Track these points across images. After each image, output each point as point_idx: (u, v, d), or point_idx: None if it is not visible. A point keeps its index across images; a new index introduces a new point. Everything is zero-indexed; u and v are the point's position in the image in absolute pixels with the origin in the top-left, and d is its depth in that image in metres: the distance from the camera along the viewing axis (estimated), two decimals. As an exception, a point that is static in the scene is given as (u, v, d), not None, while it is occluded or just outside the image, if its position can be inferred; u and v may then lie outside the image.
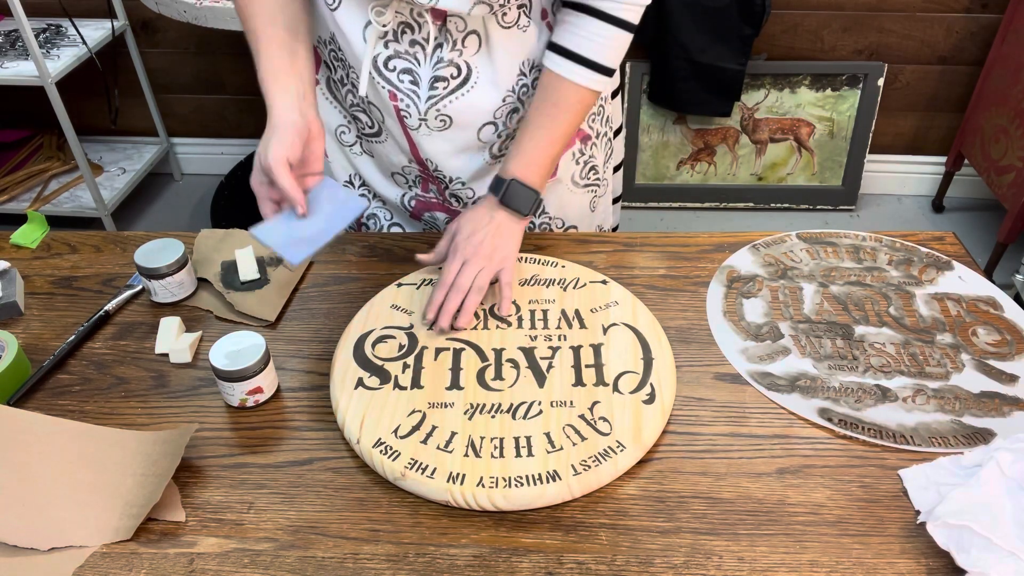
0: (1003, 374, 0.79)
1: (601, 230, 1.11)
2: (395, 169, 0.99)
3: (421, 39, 0.84)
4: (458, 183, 0.96)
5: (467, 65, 0.86)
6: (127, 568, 0.64)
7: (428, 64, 0.85)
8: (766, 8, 2.10)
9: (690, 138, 2.38)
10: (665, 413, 0.74)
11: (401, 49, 0.85)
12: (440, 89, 0.86)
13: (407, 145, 0.94)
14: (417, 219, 1.04)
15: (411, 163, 0.96)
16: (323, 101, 0.99)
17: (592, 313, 0.85)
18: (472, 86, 0.87)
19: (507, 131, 0.93)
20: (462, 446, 0.70)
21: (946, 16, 2.20)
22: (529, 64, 0.89)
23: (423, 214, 1.03)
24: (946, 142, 2.42)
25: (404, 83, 0.86)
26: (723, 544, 0.64)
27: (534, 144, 0.86)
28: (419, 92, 0.87)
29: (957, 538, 0.60)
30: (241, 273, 0.92)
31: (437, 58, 0.85)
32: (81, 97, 2.47)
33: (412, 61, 0.85)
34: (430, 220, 1.04)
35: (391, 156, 0.97)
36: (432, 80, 0.86)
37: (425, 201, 1.01)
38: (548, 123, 0.86)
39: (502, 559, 0.64)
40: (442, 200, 1.00)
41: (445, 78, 0.86)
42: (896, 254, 0.96)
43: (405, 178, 0.99)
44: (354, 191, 1.02)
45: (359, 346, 0.81)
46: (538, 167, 0.87)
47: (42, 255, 0.99)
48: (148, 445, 0.71)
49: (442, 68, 0.85)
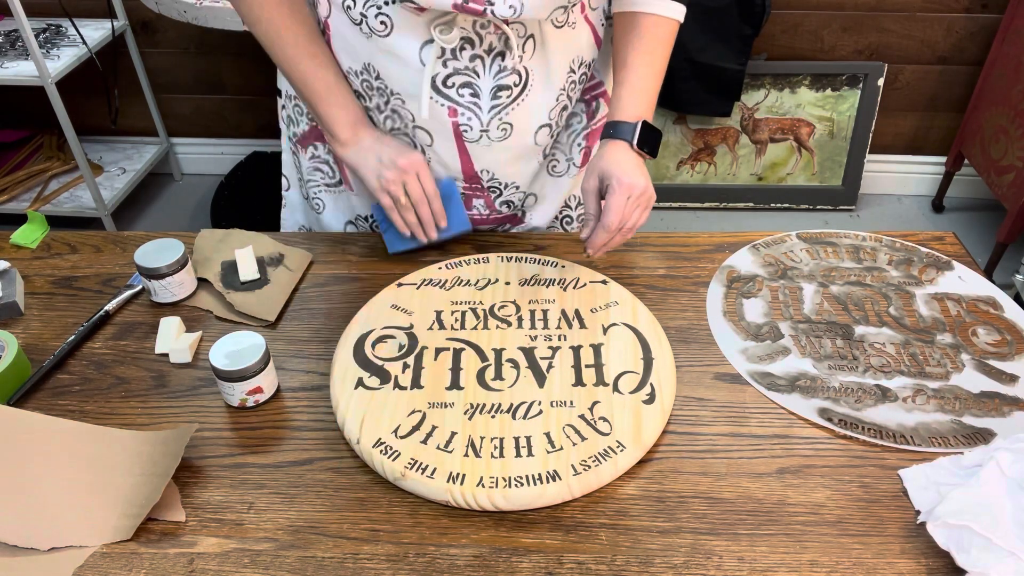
0: (1003, 374, 0.79)
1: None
2: None
3: (482, 52, 0.84)
4: (512, 188, 0.97)
5: (525, 71, 0.86)
6: (127, 568, 0.64)
7: (488, 75, 0.85)
8: (766, 8, 2.10)
9: (690, 138, 2.38)
10: (665, 413, 0.74)
11: (461, 65, 0.84)
12: (504, 98, 0.87)
13: (458, 163, 0.93)
14: None
15: (457, 180, 0.96)
16: None
17: (592, 313, 0.85)
18: (529, 91, 0.88)
19: (558, 129, 0.94)
20: (462, 446, 0.70)
21: (946, 16, 2.20)
22: (578, 61, 0.90)
23: None
24: (946, 142, 2.42)
25: (464, 97, 0.86)
26: (723, 544, 0.64)
27: (642, 83, 0.89)
28: (480, 104, 0.87)
29: (957, 538, 0.60)
30: (241, 273, 0.92)
31: (498, 67, 0.85)
32: (81, 97, 2.47)
33: (471, 75, 0.85)
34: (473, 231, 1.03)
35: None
36: (495, 90, 0.86)
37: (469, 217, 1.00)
38: (646, 61, 0.88)
39: (502, 559, 0.64)
40: (490, 212, 1.00)
41: (508, 86, 0.86)
42: (896, 254, 0.96)
43: None
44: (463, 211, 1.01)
45: (359, 346, 0.81)
46: (651, 105, 0.90)
47: (42, 255, 0.99)
48: (148, 445, 0.71)
49: (504, 77, 0.86)
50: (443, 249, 0.97)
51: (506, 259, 0.93)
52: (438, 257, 0.96)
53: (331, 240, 1.00)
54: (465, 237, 0.99)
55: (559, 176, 1.02)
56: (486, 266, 0.92)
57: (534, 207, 1.03)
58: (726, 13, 2.11)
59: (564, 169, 1.02)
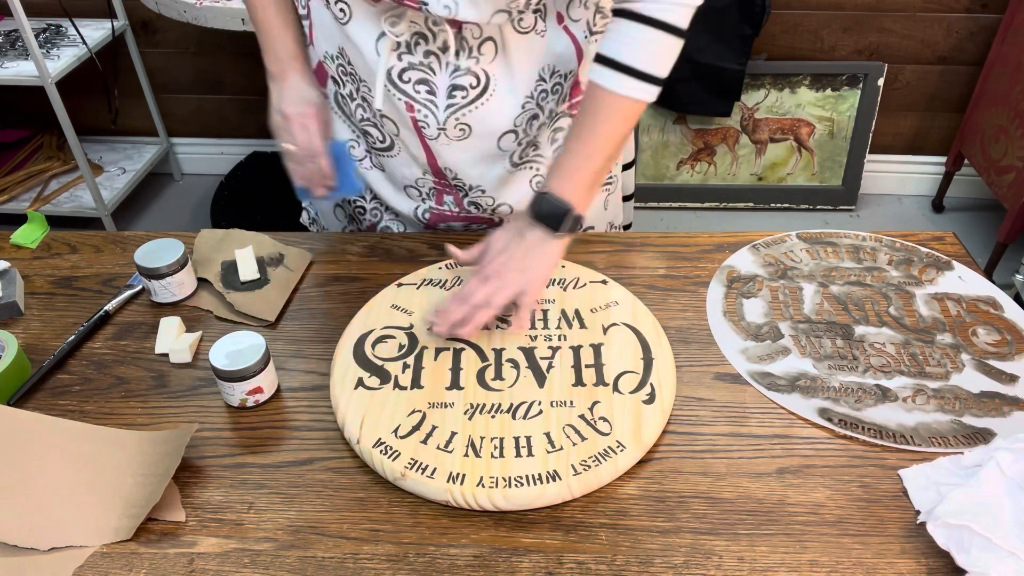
0: (1003, 374, 0.79)
1: (612, 227, 1.10)
2: (408, 182, 0.98)
3: (437, 49, 0.83)
4: (478, 191, 0.96)
5: (485, 74, 0.85)
6: (127, 568, 0.64)
7: (444, 73, 0.85)
8: (766, 8, 2.10)
9: (690, 138, 2.38)
10: (665, 413, 0.74)
11: (415, 60, 0.84)
12: (459, 98, 0.86)
13: (423, 156, 0.93)
14: (432, 230, 1.03)
15: (426, 175, 0.95)
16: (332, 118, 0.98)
17: (592, 313, 0.85)
18: (491, 95, 0.86)
19: (527, 138, 0.92)
20: (462, 446, 0.70)
21: (946, 16, 2.20)
22: (549, 70, 0.88)
23: (438, 225, 1.02)
24: (946, 142, 2.42)
25: (420, 94, 0.86)
26: (723, 544, 0.64)
27: (570, 157, 0.81)
28: (436, 102, 0.86)
29: (957, 538, 0.60)
30: (241, 273, 0.92)
31: (454, 67, 0.84)
32: (81, 97, 2.47)
33: (427, 71, 0.84)
34: (445, 230, 1.03)
35: (404, 169, 0.96)
36: (450, 89, 0.85)
37: (439, 213, 1.00)
38: (585, 134, 0.80)
39: (502, 559, 0.64)
40: (460, 211, 0.99)
41: (464, 87, 0.85)
42: (896, 254, 0.96)
43: (419, 191, 0.98)
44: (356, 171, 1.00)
45: (359, 346, 0.81)
46: (575, 181, 0.80)
47: (42, 255, 0.99)
48: (148, 445, 0.71)
49: (460, 76, 0.85)
50: (444, 249, 0.97)
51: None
52: (438, 257, 0.96)
53: (331, 240, 1.00)
54: (466, 237, 0.99)
55: None
56: (486, 266, 0.92)
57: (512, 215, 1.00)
58: (726, 13, 2.11)
59: None
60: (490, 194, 0.96)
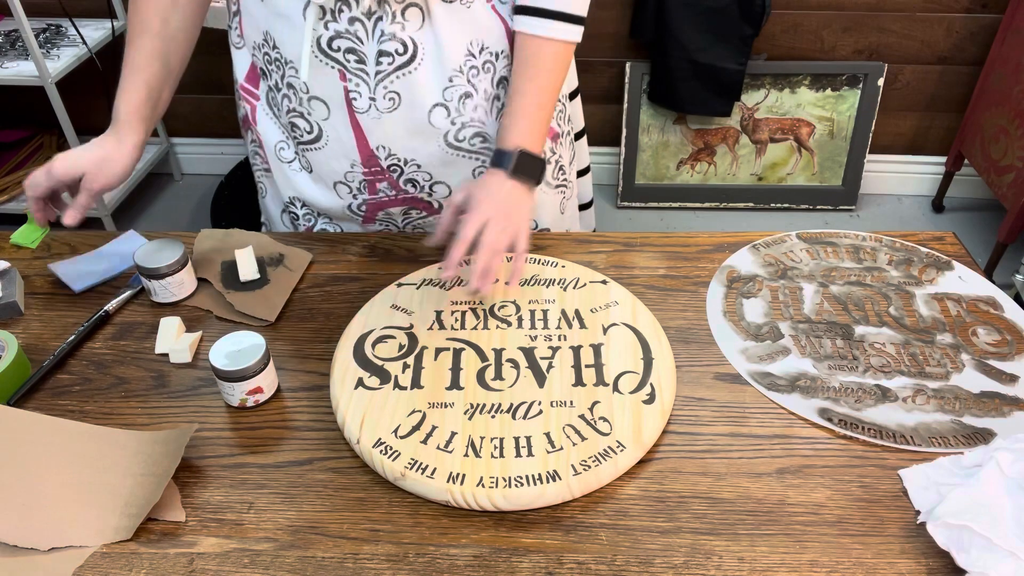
0: (1003, 374, 0.79)
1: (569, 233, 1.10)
2: (337, 177, 0.97)
3: (361, 15, 0.84)
4: (413, 166, 0.95)
5: (412, 41, 0.86)
6: (127, 568, 0.64)
7: (372, 40, 0.85)
8: (766, 8, 2.10)
9: (690, 138, 2.38)
10: (665, 413, 0.74)
11: (341, 28, 0.85)
12: (386, 65, 0.86)
13: (353, 141, 0.92)
14: (371, 222, 1.03)
15: (354, 167, 0.95)
16: (264, 118, 0.98)
17: (592, 313, 0.85)
18: (419, 63, 0.87)
19: (461, 119, 0.92)
20: (462, 446, 0.70)
21: (946, 16, 2.20)
22: (478, 45, 0.89)
23: (377, 214, 1.01)
24: (946, 142, 2.42)
25: (351, 63, 0.86)
26: (723, 544, 0.64)
27: (525, 111, 0.87)
28: (367, 70, 0.87)
29: (957, 538, 0.60)
30: (241, 273, 0.92)
31: (380, 32, 0.85)
32: (81, 97, 2.47)
33: (354, 40, 0.85)
34: (385, 219, 1.02)
35: (332, 163, 0.95)
36: (377, 55, 0.86)
37: (375, 201, 0.99)
38: (532, 87, 0.87)
39: (502, 559, 0.64)
40: (396, 193, 0.98)
41: (390, 53, 0.86)
42: (896, 254, 0.96)
43: (348, 186, 0.98)
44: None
45: (359, 346, 0.81)
46: (536, 133, 0.87)
47: (42, 255, 0.99)
48: (148, 445, 0.71)
49: (386, 42, 0.85)
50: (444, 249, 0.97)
51: (506, 259, 0.93)
52: (438, 257, 0.96)
53: (331, 240, 1.00)
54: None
55: None
56: (486, 266, 0.92)
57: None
58: (726, 13, 2.11)
59: None
60: (426, 170, 0.95)
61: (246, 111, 1.01)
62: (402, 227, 1.03)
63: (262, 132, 1.00)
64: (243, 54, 0.97)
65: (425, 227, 1.03)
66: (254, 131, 1.01)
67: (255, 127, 1.00)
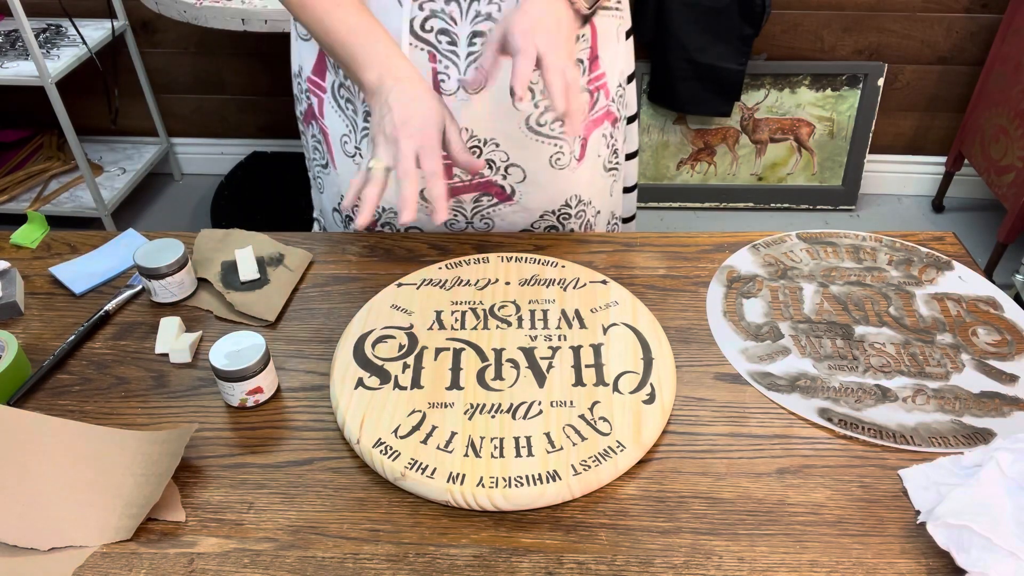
0: (1003, 374, 0.79)
1: (614, 216, 1.10)
2: None
3: None
4: (492, 145, 0.94)
5: None
6: (127, 568, 0.64)
7: (465, 21, 0.85)
8: (766, 8, 2.10)
9: (690, 138, 2.38)
10: (665, 413, 0.74)
11: (436, 8, 0.84)
12: (479, 45, 0.86)
13: None
14: None
15: None
16: (330, 111, 0.98)
17: (592, 313, 0.85)
18: None
19: (544, 102, 0.91)
20: (462, 446, 0.70)
21: (946, 16, 2.20)
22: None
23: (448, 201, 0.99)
24: (946, 142, 2.42)
25: (442, 44, 0.86)
26: (723, 544, 0.64)
27: None
28: (458, 51, 0.86)
29: (957, 538, 0.60)
30: (241, 273, 0.92)
31: (475, 12, 0.84)
32: (81, 97, 2.47)
33: (448, 20, 0.84)
34: (455, 207, 1.01)
35: None
36: (471, 36, 0.85)
37: (449, 187, 0.97)
38: None
39: (502, 559, 0.64)
40: (472, 177, 0.97)
41: (483, 33, 0.85)
42: (896, 254, 0.96)
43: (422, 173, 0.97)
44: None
45: (359, 346, 0.81)
46: None
47: (42, 255, 0.99)
48: (148, 445, 0.71)
49: (480, 22, 0.85)
50: (444, 249, 0.97)
51: (506, 259, 0.93)
52: (438, 257, 0.96)
53: (331, 240, 1.00)
54: (466, 237, 0.99)
55: (560, 169, 1.00)
56: (486, 266, 0.92)
57: (525, 187, 0.99)
58: (726, 13, 2.11)
59: (567, 162, 1.00)
60: (503, 148, 0.95)
61: (311, 104, 1.00)
62: (470, 217, 1.02)
63: (329, 125, 0.99)
64: (311, 46, 0.96)
65: (494, 217, 1.02)
66: (319, 124, 1.00)
67: (321, 120, 0.99)
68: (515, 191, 0.99)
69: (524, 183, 0.98)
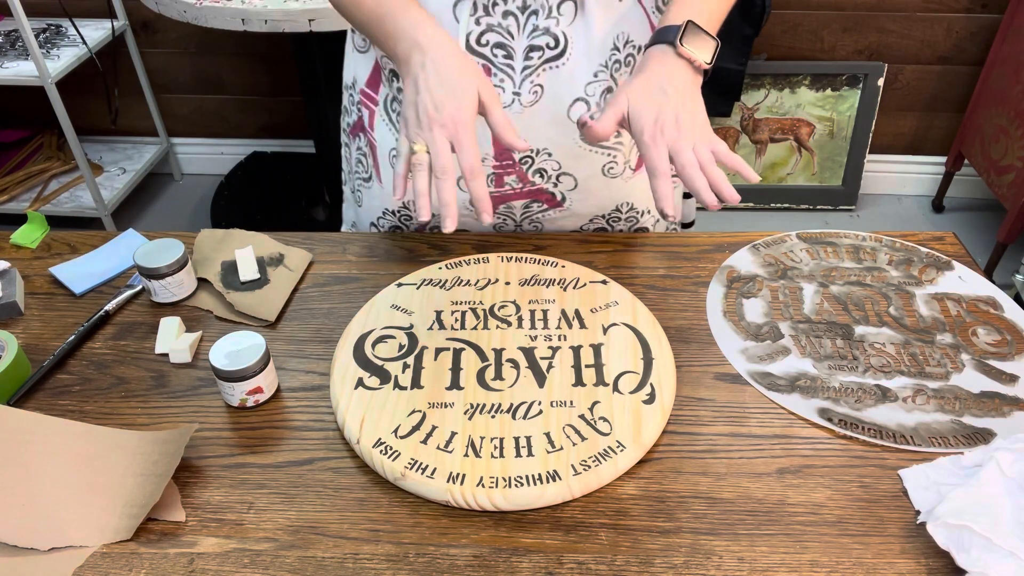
0: (1003, 374, 0.79)
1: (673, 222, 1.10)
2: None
3: (515, 8, 0.82)
4: (544, 155, 0.93)
5: (564, 36, 0.84)
6: (127, 568, 0.64)
7: (522, 35, 0.84)
8: (766, 8, 2.10)
9: (690, 138, 2.38)
10: (665, 413, 0.74)
11: (494, 22, 0.83)
12: (535, 59, 0.85)
13: (488, 136, 0.89)
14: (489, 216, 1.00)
15: (486, 160, 0.92)
16: (381, 124, 0.96)
17: (592, 313, 0.85)
18: (567, 58, 0.85)
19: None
20: (462, 446, 0.70)
21: (946, 16, 2.20)
22: (624, 38, 0.88)
23: (498, 208, 0.99)
24: (946, 142, 2.42)
25: (498, 58, 0.85)
26: (723, 544, 0.64)
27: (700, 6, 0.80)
28: (514, 65, 0.85)
29: (957, 538, 0.60)
30: (241, 273, 0.92)
31: (532, 26, 0.83)
32: (81, 97, 2.47)
33: (504, 35, 0.83)
34: (505, 212, 1.00)
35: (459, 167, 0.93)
36: (527, 50, 0.84)
37: (500, 195, 0.97)
38: None
39: (502, 559, 0.64)
40: (523, 185, 0.96)
41: (540, 47, 0.84)
42: (896, 254, 0.96)
43: None
44: None
45: (359, 346, 0.81)
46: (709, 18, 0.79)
47: (42, 255, 0.99)
48: (148, 445, 0.71)
49: (537, 37, 0.84)
50: (444, 249, 0.97)
51: (506, 259, 0.93)
52: (438, 257, 0.96)
53: (331, 240, 1.00)
54: (465, 236, 0.99)
55: (613, 177, 0.98)
56: (486, 266, 0.92)
57: (576, 194, 0.98)
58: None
59: (620, 171, 0.98)
60: (556, 158, 0.94)
61: (361, 116, 0.99)
62: (519, 221, 1.01)
63: (378, 138, 0.97)
64: (367, 58, 0.95)
65: (543, 221, 1.01)
66: (367, 136, 0.99)
67: (371, 132, 0.98)
68: (565, 198, 0.98)
69: (575, 191, 0.97)
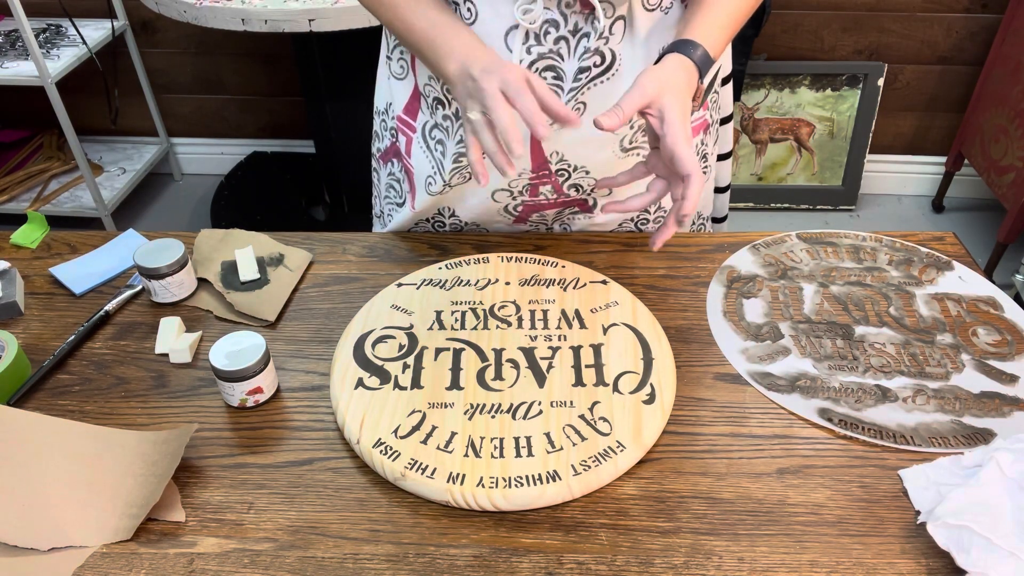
0: (1003, 374, 0.79)
1: (700, 216, 1.09)
2: (501, 185, 0.94)
3: (567, 32, 0.81)
4: (582, 172, 0.92)
5: (612, 53, 0.83)
6: (127, 568, 0.64)
7: (573, 58, 0.83)
8: (766, 8, 2.10)
9: (690, 138, 2.38)
10: (665, 413, 0.74)
11: (545, 50, 0.82)
12: (583, 79, 0.84)
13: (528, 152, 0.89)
14: (522, 222, 1.00)
15: (522, 174, 0.92)
16: (418, 151, 0.96)
17: (592, 313, 0.85)
18: (614, 73, 0.84)
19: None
20: (462, 446, 0.70)
21: (946, 16, 2.20)
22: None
23: (531, 216, 0.99)
24: (946, 142, 2.42)
25: (547, 79, 0.84)
26: (723, 544, 0.64)
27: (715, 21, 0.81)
28: (563, 86, 0.84)
29: (957, 538, 0.60)
30: (241, 273, 0.92)
31: (583, 48, 0.82)
32: (81, 97, 2.47)
33: (556, 58, 0.83)
34: (539, 219, 1.00)
35: (496, 177, 0.92)
36: (576, 72, 0.83)
37: (533, 204, 0.96)
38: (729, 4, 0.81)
39: (502, 559, 0.64)
40: (558, 196, 0.96)
41: (588, 67, 0.83)
42: (896, 254, 0.96)
43: (510, 191, 0.94)
44: None
45: (359, 346, 0.81)
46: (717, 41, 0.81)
47: (42, 255, 0.99)
48: (148, 445, 0.71)
49: (587, 58, 0.83)
50: (444, 249, 0.97)
51: (506, 259, 0.93)
52: (438, 257, 0.96)
53: (331, 240, 1.00)
54: (466, 237, 0.99)
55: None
56: (486, 266, 0.92)
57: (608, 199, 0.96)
58: (726, 13, 2.11)
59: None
60: (593, 175, 0.93)
61: (395, 142, 0.98)
62: (551, 225, 1.01)
63: (415, 165, 0.96)
64: (404, 85, 0.94)
65: (573, 223, 1.01)
66: (402, 162, 0.99)
67: (407, 159, 0.98)
68: (597, 203, 0.98)
69: (608, 196, 0.97)
